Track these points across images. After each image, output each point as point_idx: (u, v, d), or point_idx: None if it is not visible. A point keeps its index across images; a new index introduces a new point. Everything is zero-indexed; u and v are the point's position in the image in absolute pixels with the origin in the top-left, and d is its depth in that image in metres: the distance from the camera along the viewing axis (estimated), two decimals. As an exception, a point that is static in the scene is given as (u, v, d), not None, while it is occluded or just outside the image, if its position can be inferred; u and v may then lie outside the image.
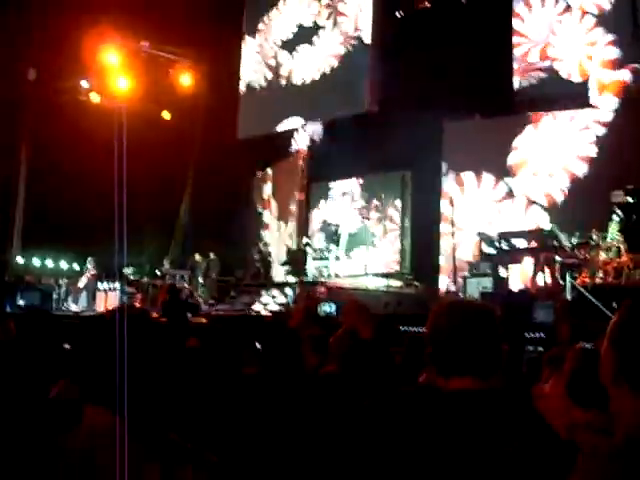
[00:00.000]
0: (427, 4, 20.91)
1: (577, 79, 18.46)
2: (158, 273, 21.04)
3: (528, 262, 15.69)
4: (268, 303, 18.17)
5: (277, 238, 23.70)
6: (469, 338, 2.33)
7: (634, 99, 17.49)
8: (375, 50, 21.55)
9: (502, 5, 19.56)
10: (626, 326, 1.80)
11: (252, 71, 24.92)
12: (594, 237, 14.73)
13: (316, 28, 23.26)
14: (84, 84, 22.11)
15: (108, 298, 19.14)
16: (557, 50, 18.94)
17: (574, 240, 15.04)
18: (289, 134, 23.75)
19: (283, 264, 20.38)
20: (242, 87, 24.95)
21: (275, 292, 18.63)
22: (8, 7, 20.22)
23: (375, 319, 4.89)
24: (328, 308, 13.35)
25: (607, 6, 18.33)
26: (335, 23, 22.78)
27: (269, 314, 15.99)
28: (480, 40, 18.97)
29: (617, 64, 18.01)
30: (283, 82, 23.95)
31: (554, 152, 18.43)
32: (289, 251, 21.21)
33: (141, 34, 21.71)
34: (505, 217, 18.66)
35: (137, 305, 19.03)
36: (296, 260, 19.82)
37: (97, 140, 14.60)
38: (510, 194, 18.83)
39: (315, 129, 23.04)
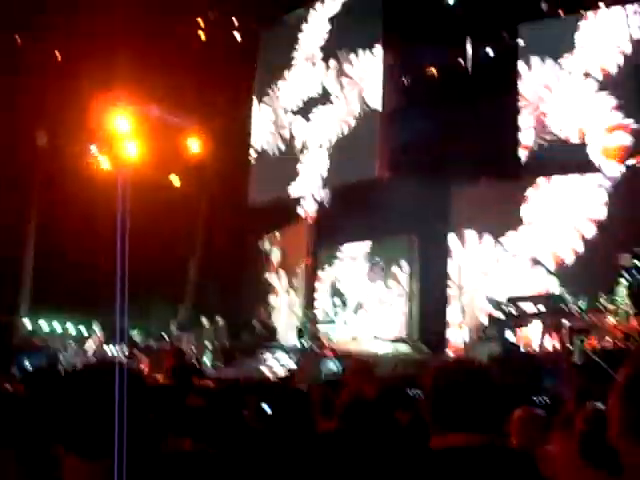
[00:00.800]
0: (434, 71, 21.29)
1: (582, 144, 18.72)
2: (165, 336, 21.03)
3: (536, 326, 15.66)
4: (273, 366, 18.13)
5: (285, 302, 23.69)
6: (465, 394, 2.43)
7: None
8: (384, 115, 21.78)
9: (507, 72, 19.89)
10: (636, 379, 1.79)
11: (263, 137, 25.16)
12: (602, 301, 14.73)
13: (324, 95, 23.54)
14: (93, 149, 22.39)
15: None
16: (559, 114, 19.24)
17: (582, 304, 15.03)
18: (298, 199, 23.93)
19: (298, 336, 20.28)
20: (253, 153, 25.15)
21: (281, 355, 18.60)
22: (18, 70, 20.55)
23: (379, 380, 4.92)
24: (334, 367, 13.33)
25: (613, 69, 18.66)
26: (342, 87, 23.06)
27: (276, 377, 15.97)
28: (486, 105, 19.25)
29: (621, 128, 18.26)
30: (294, 148, 24.14)
31: (562, 213, 18.58)
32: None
33: (150, 99, 22.03)
34: (509, 279, 18.75)
35: (143, 368, 19.04)
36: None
37: (105, 205, 14.75)
38: (514, 255, 18.97)
39: (323, 193, 23.21)
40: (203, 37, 24.18)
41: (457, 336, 19.06)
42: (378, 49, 22.00)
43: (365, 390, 4.07)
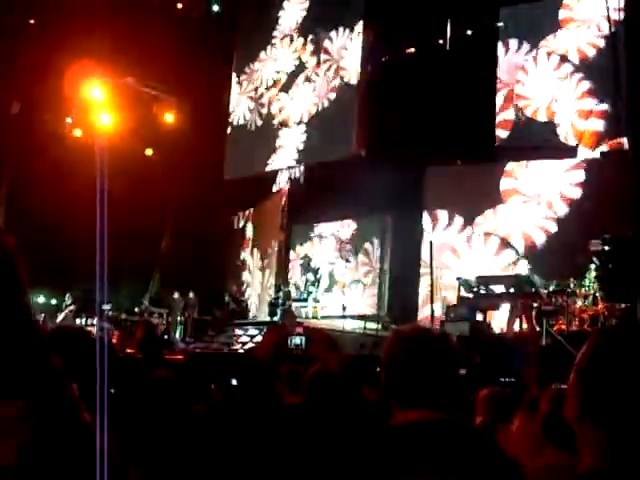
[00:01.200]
0: (412, 50, 21.27)
1: (556, 128, 18.86)
2: (136, 310, 21.00)
3: (505, 307, 15.82)
4: (246, 342, 18.15)
5: (257, 279, 23.69)
6: (423, 367, 2.24)
7: (611, 151, 17.88)
8: (362, 93, 21.77)
9: (486, 53, 19.93)
10: (594, 358, 1.78)
11: (241, 111, 25.06)
12: (571, 285, 14.90)
13: (303, 71, 23.46)
14: (69, 120, 22.19)
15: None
16: (534, 97, 19.37)
17: (551, 287, 15.19)
18: (273, 174, 23.88)
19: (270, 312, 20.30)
20: (230, 126, 25.06)
21: (253, 331, 18.63)
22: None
23: (347, 356, 4.94)
24: (298, 340, 13.38)
25: (591, 53, 18.77)
26: (320, 63, 22.99)
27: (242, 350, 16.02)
28: (464, 86, 19.29)
29: (595, 114, 18.40)
30: (271, 123, 24.07)
31: (535, 195, 18.73)
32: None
33: (126, 70, 21.84)
34: (479, 260, 18.92)
35: (114, 341, 19.00)
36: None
37: (78, 175, 14.66)
38: (486, 235, 19.14)
39: (297, 170, 23.18)
40: (180, 6, 24.02)
41: (426, 315, 19.16)
42: (358, 27, 21.97)
43: (329, 363, 4.07)
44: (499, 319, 16.45)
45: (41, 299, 22.90)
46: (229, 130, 25.02)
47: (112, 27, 20.27)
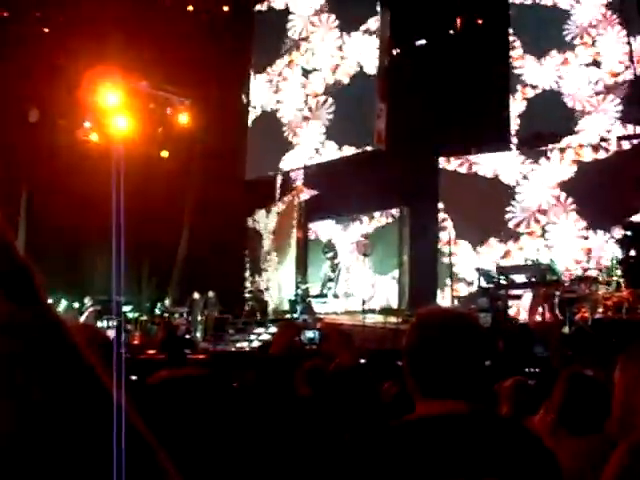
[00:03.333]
0: (423, 41, 21.13)
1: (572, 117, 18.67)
2: (157, 311, 21.00)
3: (527, 297, 15.68)
4: (267, 340, 18.11)
5: (276, 276, 23.63)
6: (448, 351, 2.03)
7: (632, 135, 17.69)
8: (381, 87, 21.63)
9: (498, 43, 19.76)
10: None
11: (259, 111, 24.91)
12: (594, 272, 14.77)
13: (322, 66, 23.27)
14: (86, 125, 22.23)
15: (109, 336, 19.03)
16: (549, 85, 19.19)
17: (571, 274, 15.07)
18: (290, 172, 23.81)
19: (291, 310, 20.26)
20: (250, 124, 24.94)
21: (274, 329, 18.58)
22: (8, 45, 20.34)
23: (354, 346, 4.84)
24: (311, 334, 13.32)
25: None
26: (340, 58, 22.80)
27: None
28: (478, 75, 19.13)
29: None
30: (290, 122, 23.86)
31: (550, 182, 18.56)
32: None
33: (140, 73, 21.85)
34: (499, 250, 18.78)
35: (135, 342, 19.04)
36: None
37: (96, 180, 14.62)
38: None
39: (314, 166, 23.06)
40: (191, 8, 23.98)
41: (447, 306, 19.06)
42: (374, 20, 21.85)
43: (342, 358, 3.97)
44: (521, 309, 16.30)
45: (62, 302, 22.94)
46: (250, 126, 24.82)
47: (124, 32, 20.22)
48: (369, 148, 21.15)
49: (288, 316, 19.60)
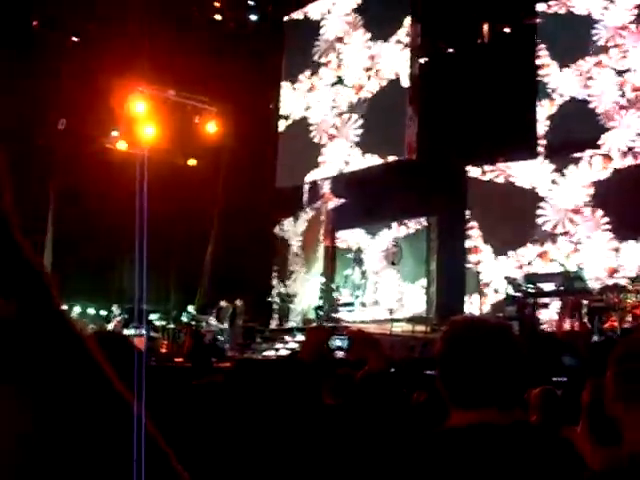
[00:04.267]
0: (450, 49, 21.11)
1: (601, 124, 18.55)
2: (184, 319, 21.10)
3: (555, 305, 15.60)
4: (295, 349, 18.13)
5: (303, 284, 23.63)
6: (484, 360, 2.02)
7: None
8: (412, 96, 21.58)
9: (526, 50, 19.69)
10: (626, 355, 1.83)
11: (290, 114, 24.89)
12: (623, 281, 14.65)
13: (351, 77, 23.24)
14: (114, 133, 22.42)
15: (135, 344, 19.14)
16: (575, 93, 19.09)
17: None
18: (319, 182, 23.83)
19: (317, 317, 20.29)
20: (282, 128, 24.93)
21: (302, 337, 18.59)
22: (40, 54, 20.56)
23: (383, 351, 4.84)
24: (339, 342, 13.33)
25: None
26: (370, 68, 22.77)
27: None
28: (505, 83, 19.05)
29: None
30: (319, 131, 23.83)
31: (580, 191, 18.45)
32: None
33: (168, 82, 22.02)
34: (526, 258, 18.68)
35: (163, 350, 19.15)
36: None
37: (123, 188, 14.74)
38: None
39: (342, 175, 23.05)
40: (219, 18, 24.13)
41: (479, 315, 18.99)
42: (404, 31, 21.84)
43: (370, 361, 3.96)
44: (549, 317, 16.20)
45: (91, 310, 23.11)
46: (281, 132, 24.82)
47: (152, 41, 20.40)
48: (398, 158, 21.09)
49: (314, 324, 19.59)
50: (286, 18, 24.99)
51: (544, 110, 19.38)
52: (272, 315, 22.27)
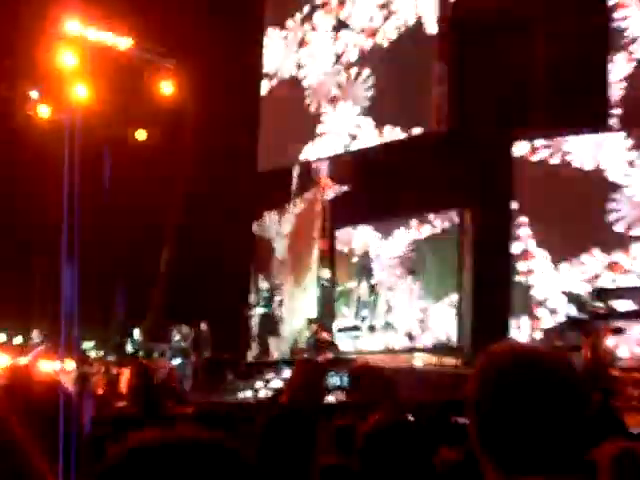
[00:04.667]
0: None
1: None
2: (128, 349, 21.06)
3: (635, 330, 15.60)
4: (280, 388, 18.11)
5: (292, 302, 23.60)
6: (537, 411, 1.95)
7: None
8: (439, 49, 21.55)
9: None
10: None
11: (276, 72, 24.87)
12: None
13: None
14: (33, 95, 22.27)
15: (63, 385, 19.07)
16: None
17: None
18: (313, 164, 23.80)
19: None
20: (265, 90, 24.91)
21: (289, 372, 18.57)
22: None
23: (417, 404, 4.76)
24: (337, 380, 13.30)
25: None
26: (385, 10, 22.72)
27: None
28: (564, 32, 19.07)
29: None
30: (315, 96, 23.77)
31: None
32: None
33: (109, 25, 21.93)
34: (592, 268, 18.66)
35: (100, 392, 19.06)
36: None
37: (44, 170, 14.69)
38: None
39: (345, 156, 23.06)
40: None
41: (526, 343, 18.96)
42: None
43: (380, 412, 3.89)
44: (625, 347, 16.18)
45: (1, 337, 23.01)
46: (264, 95, 24.82)
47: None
48: (422, 130, 21.03)
49: (306, 356, 19.59)
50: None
51: (618, 67, 19.34)
52: (249, 343, 22.18)
